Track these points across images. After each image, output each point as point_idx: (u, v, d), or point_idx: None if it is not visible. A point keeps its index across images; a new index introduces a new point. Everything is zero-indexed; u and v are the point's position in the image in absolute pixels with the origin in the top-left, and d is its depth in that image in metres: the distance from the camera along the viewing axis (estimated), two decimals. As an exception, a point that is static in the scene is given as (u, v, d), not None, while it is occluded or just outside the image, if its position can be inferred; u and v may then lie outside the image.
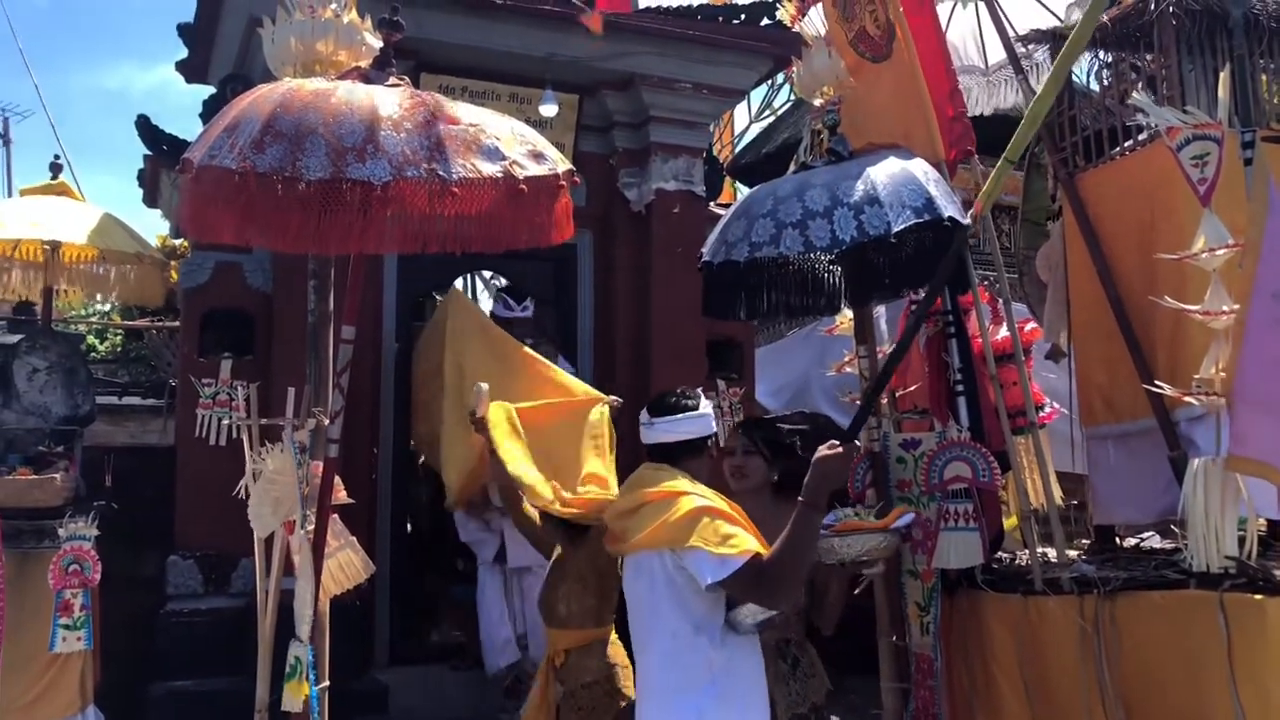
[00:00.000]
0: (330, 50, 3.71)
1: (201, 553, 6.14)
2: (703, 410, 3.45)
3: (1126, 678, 3.66)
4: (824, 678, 3.90)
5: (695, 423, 3.41)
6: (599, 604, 4.17)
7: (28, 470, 5.34)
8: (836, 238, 3.75)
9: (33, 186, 6.16)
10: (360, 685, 5.94)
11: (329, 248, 3.21)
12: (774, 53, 7.25)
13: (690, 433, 3.39)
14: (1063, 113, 5.14)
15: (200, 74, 7.91)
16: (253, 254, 6.38)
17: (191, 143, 3.09)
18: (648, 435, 3.44)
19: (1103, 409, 4.84)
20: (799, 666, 3.82)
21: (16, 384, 5.63)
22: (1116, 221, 4.75)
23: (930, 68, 4.27)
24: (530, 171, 3.01)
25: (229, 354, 6.27)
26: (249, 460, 3.64)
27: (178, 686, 5.77)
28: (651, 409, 3.45)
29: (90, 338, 10.56)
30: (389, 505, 6.62)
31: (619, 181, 7.32)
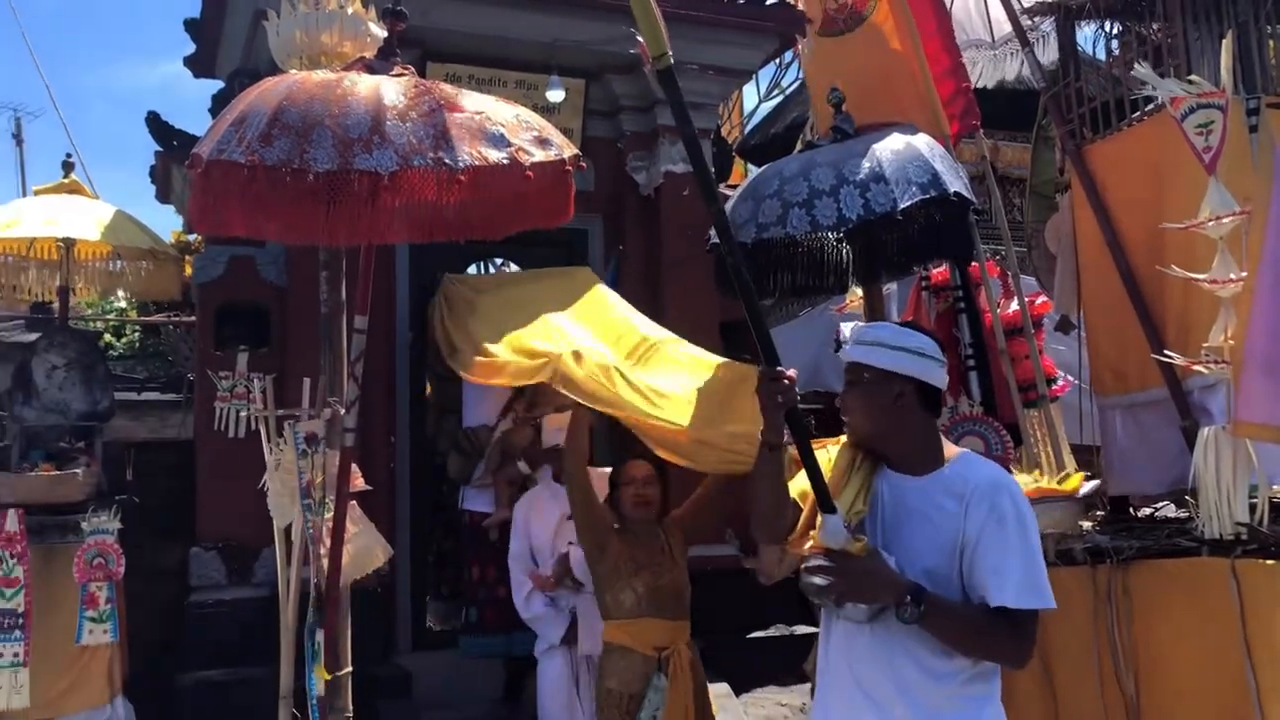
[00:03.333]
0: (335, 42, 3.74)
1: (223, 544, 6.20)
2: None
3: (1138, 646, 3.68)
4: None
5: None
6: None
7: (50, 466, 5.41)
8: (843, 216, 3.77)
9: (46, 186, 6.21)
10: (383, 670, 6.01)
11: (339, 239, 3.23)
12: (780, 31, 7.23)
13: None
14: (1069, 84, 5.13)
15: (208, 69, 7.95)
16: (266, 247, 6.41)
17: (200, 138, 3.12)
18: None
19: (1112, 380, 4.84)
20: None
21: (36, 382, 5.70)
22: (1124, 192, 4.74)
23: (930, 42, 4.27)
24: (536, 157, 3.03)
25: (245, 347, 6.31)
26: (268, 451, 3.69)
27: (203, 676, 5.83)
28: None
29: (107, 334, 10.64)
30: (407, 492, 6.67)
31: (627, 165, 7.33)
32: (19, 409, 5.68)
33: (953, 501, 2.43)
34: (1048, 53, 6.89)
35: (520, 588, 4.87)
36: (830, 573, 2.39)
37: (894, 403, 2.52)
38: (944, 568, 2.41)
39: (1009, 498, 2.41)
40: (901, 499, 2.51)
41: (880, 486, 2.54)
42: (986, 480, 2.45)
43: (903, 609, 2.33)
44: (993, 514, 2.38)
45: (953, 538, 2.41)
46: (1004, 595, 2.33)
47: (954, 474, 2.48)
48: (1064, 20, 5.32)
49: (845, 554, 2.38)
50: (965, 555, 2.39)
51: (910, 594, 2.33)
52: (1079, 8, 5.22)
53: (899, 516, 2.49)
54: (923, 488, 2.49)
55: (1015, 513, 2.39)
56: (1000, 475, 2.51)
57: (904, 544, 2.45)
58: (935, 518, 2.44)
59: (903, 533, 2.48)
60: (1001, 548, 2.36)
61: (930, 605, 2.33)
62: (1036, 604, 2.35)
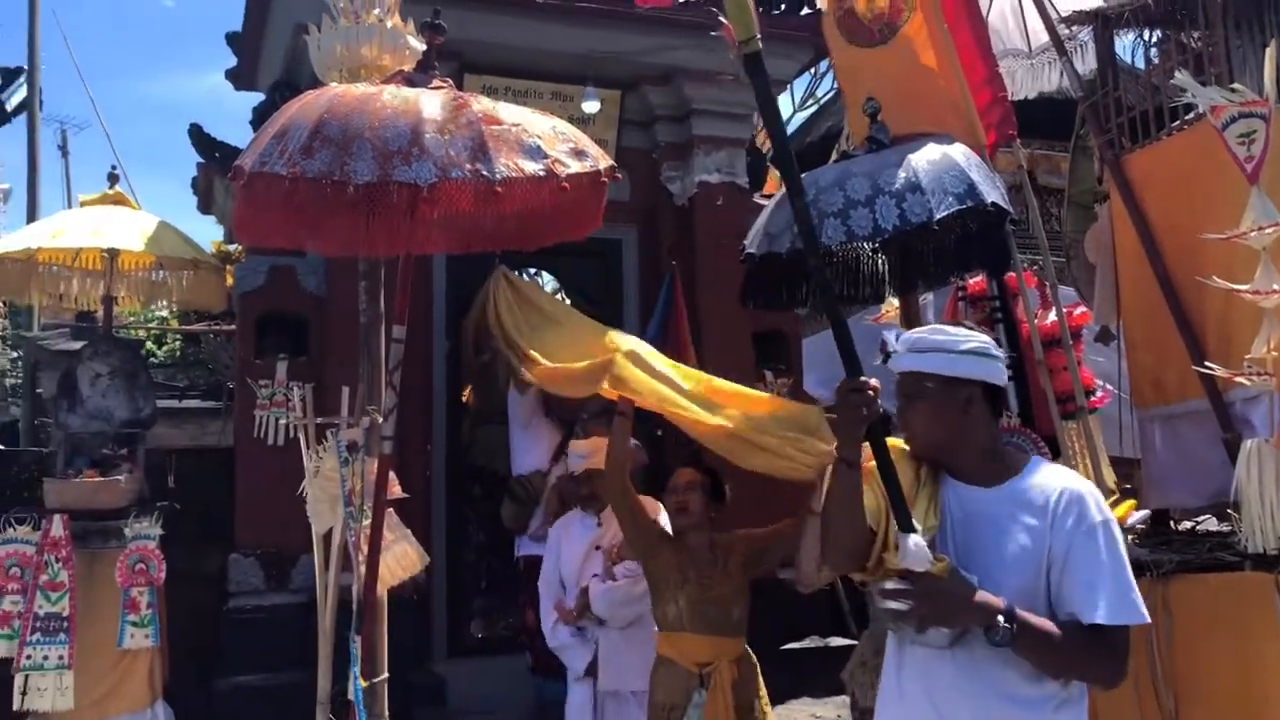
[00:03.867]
0: (375, 55, 3.78)
1: (262, 550, 6.27)
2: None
3: (1178, 661, 3.64)
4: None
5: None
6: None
7: (94, 473, 5.49)
8: (879, 226, 3.76)
9: (91, 197, 6.30)
10: (419, 677, 6.05)
11: (378, 249, 3.27)
12: (814, 41, 7.23)
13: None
14: (1108, 93, 5.09)
15: (249, 81, 8.06)
16: (305, 257, 6.49)
17: (243, 150, 3.17)
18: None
19: (1152, 391, 4.79)
20: None
21: (81, 389, 5.79)
22: (1164, 202, 4.69)
23: (966, 52, 4.25)
24: (572, 169, 3.05)
25: (284, 355, 6.38)
26: (307, 458, 3.72)
27: (242, 681, 5.90)
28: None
29: (149, 343, 10.78)
30: (443, 500, 6.72)
31: (662, 175, 7.36)
32: (64, 416, 5.78)
33: (1034, 514, 2.29)
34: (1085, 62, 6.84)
35: (548, 615, 4.80)
36: (910, 596, 2.24)
37: (963, 411, 2.39)
38: (1030, 585, 2.26)
39: (1096, 506, 2.28)
40: (974, 512, 2.36)
41: (947, 500, 2.40)
42: (1070, 490, 2.30)
43: (993, 631, 2.18)
44: (1081, 525, 2.25)
45: (1038, 553, 2.27)
46: (1098, 612, 2.19)
47: (1031, 483, 2.35)
48: (1102, 29, 5.28)
49: (926, 575, 2.23)
50: (1053, 571, 2.26)
51: (1003, 614, 2.18)
52: (1117, 16, 5.18)
53: (972, 531, 2.35)
54: (997, 499, 2.35)
55: (1104, 522, 2.27)
56: (1082, 483, 2.36)
57: (981, 560, 2.30)
58: (1015, 531, 2.29)
59: (979, 549, 2.32)
60: (1093, 561, 2.23)
61: (1022, 626, 2.19)
62: (1131, 619, 2.22)
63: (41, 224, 6.32)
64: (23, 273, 6.01)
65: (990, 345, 2.44)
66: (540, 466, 5.61)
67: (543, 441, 5.69)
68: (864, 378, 2.30)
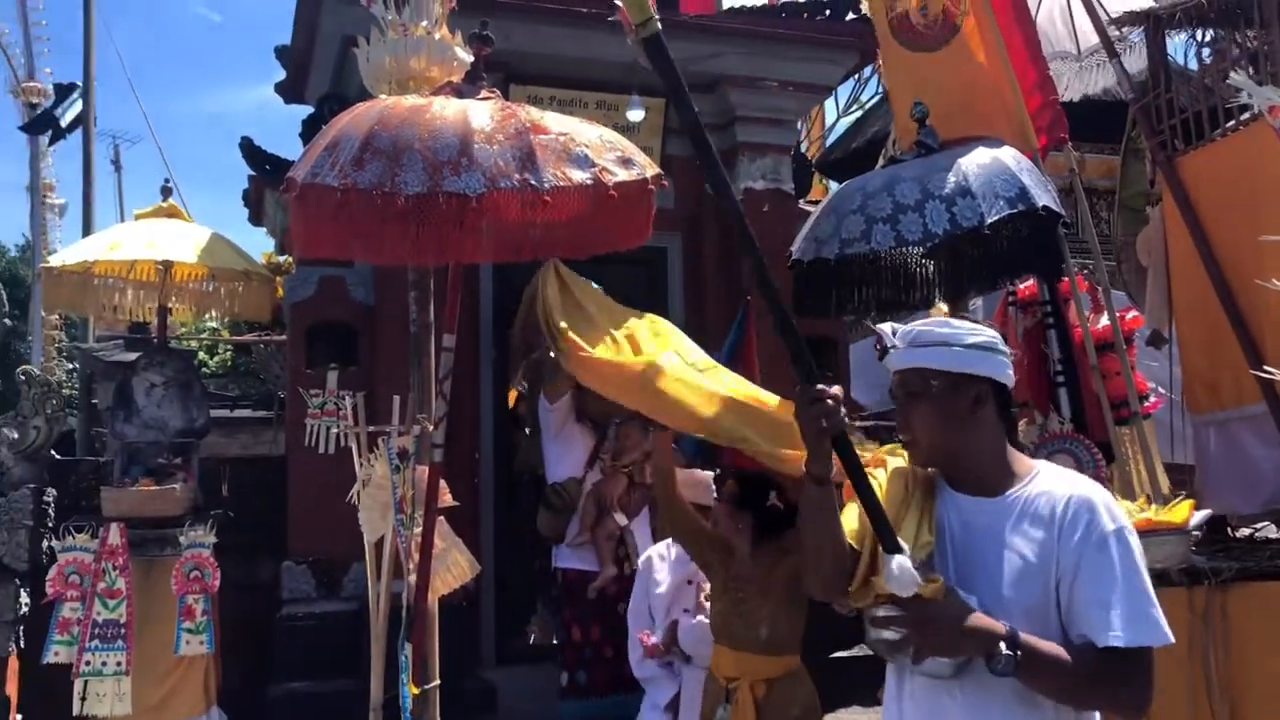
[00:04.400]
0: (423, 66, 3.82)
1: (314, 558, 6.33)
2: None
3: (1235, 671, 3.57)
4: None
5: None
6: (804, 626, 3.83)
7: (149, 482, 5.59)
8: (929, 231, 3.74)
9: (146, 210, 6.42)
10: (469, 684, 6.07)
11: (427, 259, 3.30)
12: (859, 46, 7.20)
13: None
14: (1160, 95, 5.03)
15: (298, 94, 8.16)
16: (355, 268, 6.56)
17: (294, 162, 3.21)
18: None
19: (1206, 396, 4.72)
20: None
21: (136, 400, 5.89)
22: (1218, 204, 4.63)
23: (1017, 55, 4.22)
24: (620, 177, 3.06)
25: (334, 365, 6.45)
26: (358, 467, 3.76)
27: (295, 688, 5.95)
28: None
29: (201, 353, 10.94)
30: (492, 507, 6.75)
31: (706, 183, 7.35)
32: (120, 426, 5.88)
33: (1040, 525, 2.06)
34: (1135, 63, 6.77)
35: (636, 646, 4.60)
36: (903, 623, 2.01)
37: (971, 412, 2.15)
38: (1038, 605, 2.04)
39: (1106, 514, 2.04)
40: (974, 525, 2.13)
41: (944, 513, 2.16)
42: (1078, 497, 2.07)
43: (994, 660, 1.95)
44: (1091, 536, 2.02)
45: (1045, 568, 2.04)
46: (1112, 633, 1.96)
47: (1037, 492, 2.11)
48: (1154, 29, 5.22)
49: (917, 599, 1.99)
50: (1062, 589, 2.03)
51: (1005, 640, 1.96)
52: (1170, 16, 5.12)
53: (972, 547, 2.11)
54: (1000, 510, 2.12)
55: (1117, 531, 2.02)
56: (1092, 489, 2.11)
57: (984, 579, 2.07)
58: (1019, 545, 2.06)
59: (980, 566, 2.09)
60: (1105, 576, 2.00)
61: (1027, 653, 1.96)
62: (1150, 640, 1.98)
63: (97, 237, 6.45)
64: (79, 285, 6.13)
65: (998, 340, 2.21)
66: (575, 474, 5.56)
67: (576, 448, 5.65)
68: (822, 386, 2.08)
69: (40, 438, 5.77)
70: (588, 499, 5.45)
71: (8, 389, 16.71)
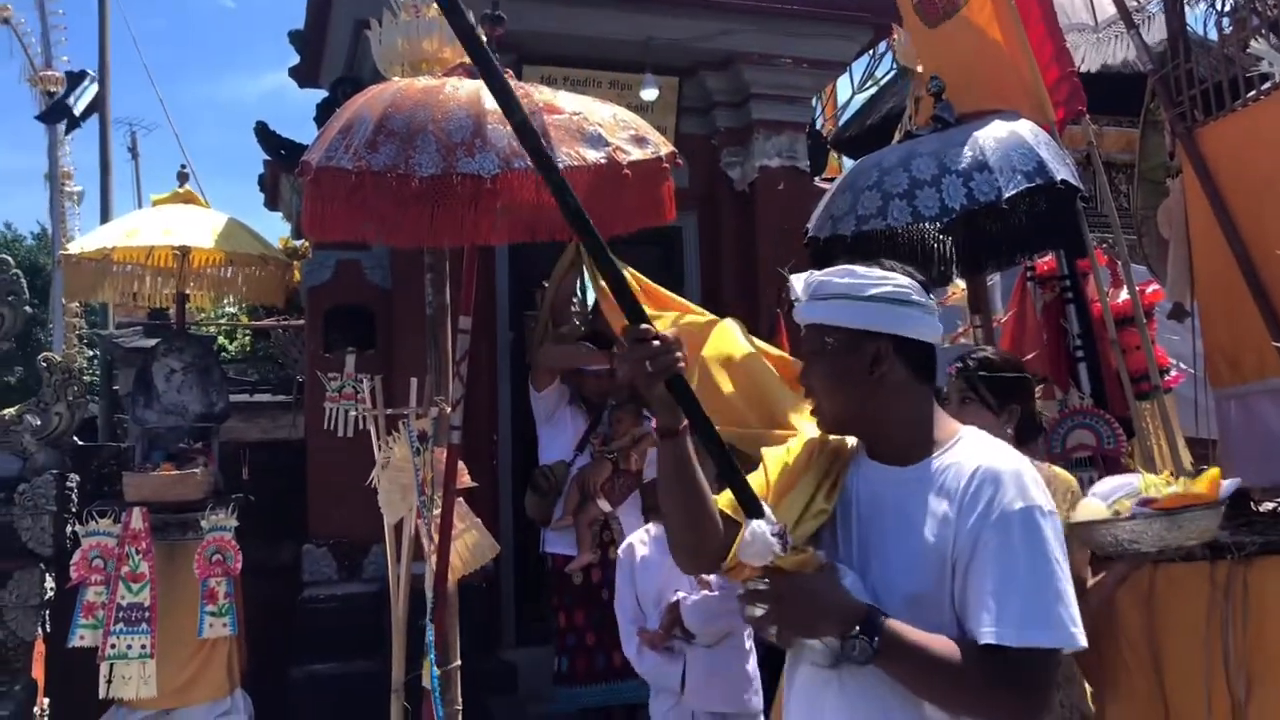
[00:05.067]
0: (435, 48, 3.82)
1: (334, 540, 6.36)
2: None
3: (1254, 645, 3.55)
4: (1084, 686, 3.10)
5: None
6: None
7: (170, 466, 5.62)
8: (945, 206, 3.71)
9: (162, 195, 6.44)
10: (489, 665, 6.10)
11: (442, 241, 3.31)
12: (874, 22, 7.15)
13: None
14: (1179, 65, 4.97)
15: (312, 78, 8.15)
16: (371, 251, 6.56)
17: (309, 146, 3.21)
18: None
19: (1228, 370, 4.68)
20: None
21: (156, 385, 5.93)
22: (1240, 175, 4.57)
23: (1034, 28, 4.18)
24: (633, 156, 3.06)
25: (352, 348, 6.46)
26: (377, 449, 3.78)
27: (316, 670, 5.99)
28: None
29: (221, 338, 10.99)
30: (510, 488, 6.76)
31: (722, 161, 7.32)
32: (140, 411, 5.92)
33: (943, 500, 1.80)
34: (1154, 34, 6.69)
35: (629, 640, 4.48)
36: (764, 598, 1.78)
37: (869, 372, 1.89)
38: (929, 591, 1.78)
39: (1014, 490, 1.77)
40: (881, 498, 1.88)
41: (855, 482, 1.92)
42: (985, 468, 1.80)
43: (849, 643, 1.72)
44: (991, 515, 1.75)
45: (942, 551, 1.78)
46: (996, 629, 1.69)
47: (950, 462, 1.85)
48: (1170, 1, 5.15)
49: (780, 572, 1.76)
50: (957, 574, 1.77)
51: (861, 623, 1.72)
52: (1188, -15, 5.05)
53: (876, 522, 1.87)
54: (907, 480, 1.87)
55: (1024, 510, 1.75)
56: (1007, 460, 1.83)
57: (879, 559, 1.84)
58: (920, 523, 1.81)
59: (878, 543, 1.85)
60: (1000, 562, 1.73)
61: (888, 639, 1.71)
62: (1045, 641, 1.69)
63: (115, 224, 6.47)
64: (98, 272, 6.17)
65: (911, 289, 1.93)
66: (564, 456, 5.54)
67: (566, 431, 5.64)
68: (646, 326, 1.84)
69: (62, 424, 5.81)
70: (572, 483, 5.43)
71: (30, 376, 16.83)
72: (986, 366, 3.08)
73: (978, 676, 1.71)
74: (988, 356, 3.16)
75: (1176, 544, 2.73)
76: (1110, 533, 2.74)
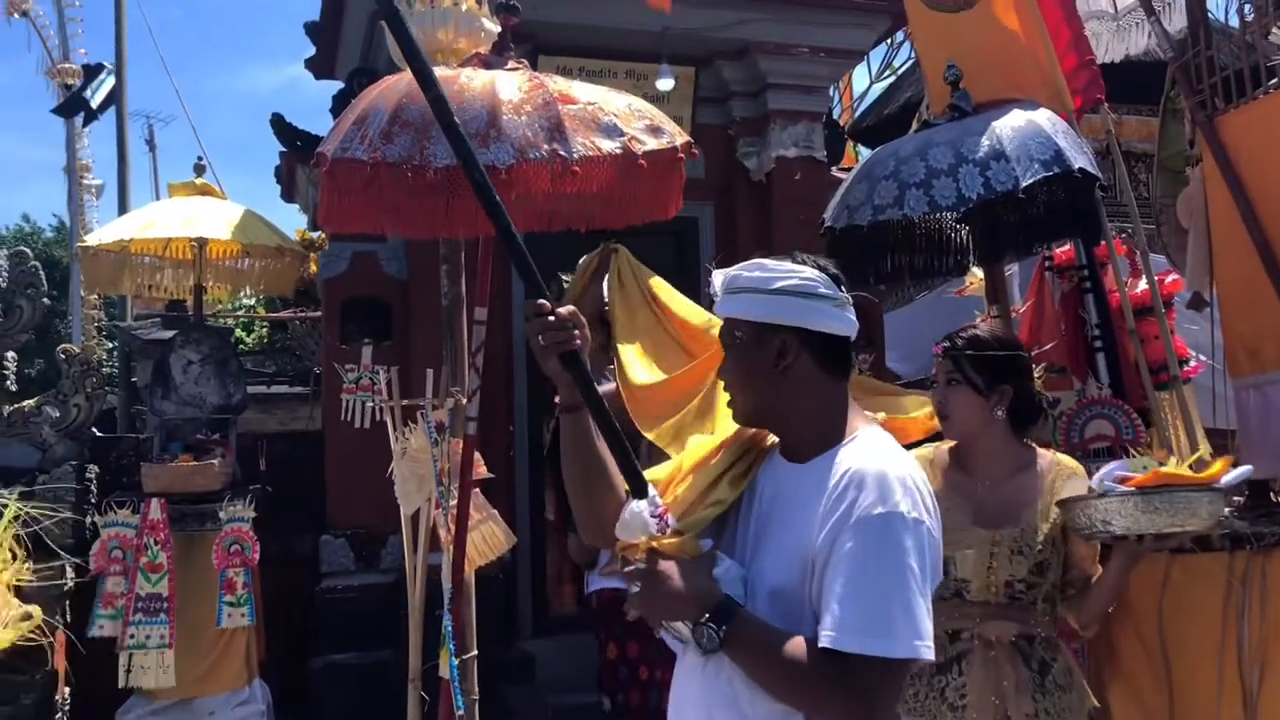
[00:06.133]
0: (450, 38, 3.81)
1: (352, 531, 6.39)
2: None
3: (1270, 635, 3.53)
4: (1085, 691, 2.89)
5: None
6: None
7: (188, 457, 5.65)
8: (962, 196, 3.69)
9: (179, 184, 6.47)
10: (506, 655, 6.12)
11: (458, 232, 3.30)
12: (892, 10, 7.12)
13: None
14: (1200, 52, 4.92)
15: (328, 70, 8.17)
16: (387, 243, 6.58)
17: (324, 137, 3.21)
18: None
19: (1247, 360, 4.65)
20: (1049, 674, 2.78)
21: (174, 376, 5.96)
22: (1261, 164, 4.53)
23: (1051, 15, 4.15)
24: (649, 146, 3.05)
25: (369, 340, 6.45)
26: (393, 441, 3.78)
27: (335, 659, 6.03)
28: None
29: (238, 330, 11.04)
30: (527, 480, 6.78)
31: (738, 151, 7.30)
32: (158, 403, 5.96)
33: (818, 500, 1.78)
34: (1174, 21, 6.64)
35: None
36: (636, 578, 1.78)
37: (775, 365, 1.88)
38: (795, 588, 1.77)
39: (876, 493, 1.73)
40: (780, 494, 1.88)
41: (764, 477, 1.93)
42: (855, 470, 1.77)
43: (699, 629, 1.72)
44: (849, 517, 1.72)
45: (805, 550, 1.76)
46: (835, 634, 1.67)
47: (835, 461, 1.82)
48: (1192, -13, 5.11)
49: (654, 552, 1.77)
50: (815, 573, 1.75)
51: (711, 611, 1.72)
52: (1209, -28, 5.00)
53: (770, 517, 1.88)
54: (798, 477, 1.86)
55: (883, 516, 1.71)
56: (879, 461, 1.78)
57: (762, 553, 1.84)
58: (796, 521, 1.80)
59: (765, 538, 1.86)
60: (848, 565, 1.70)
61: (735, 630, 1.71)
62: (880, 650, 1.66)
63: (133, 216, 6.51)
64: (117, 264, 6.20)
65: (819, 282, 1.89)
66: None
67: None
68: (543, 301, 1.90)
69: (81, 415, 5.85)
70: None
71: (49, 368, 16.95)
72: (975, 344, 2.91)
73: (816, 678, 1.70)
74: (977, 334, 2.98)
75: (1157, 529, 2.56)
76: (1084, 512, 2.63)
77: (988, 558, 2.79)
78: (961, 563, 2.80)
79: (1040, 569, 2.79)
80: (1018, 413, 2.90)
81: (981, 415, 2.86)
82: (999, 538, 2.79)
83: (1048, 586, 2.81)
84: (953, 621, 2.79)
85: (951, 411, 2.91)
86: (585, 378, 1.89)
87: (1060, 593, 2.87)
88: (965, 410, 2.88)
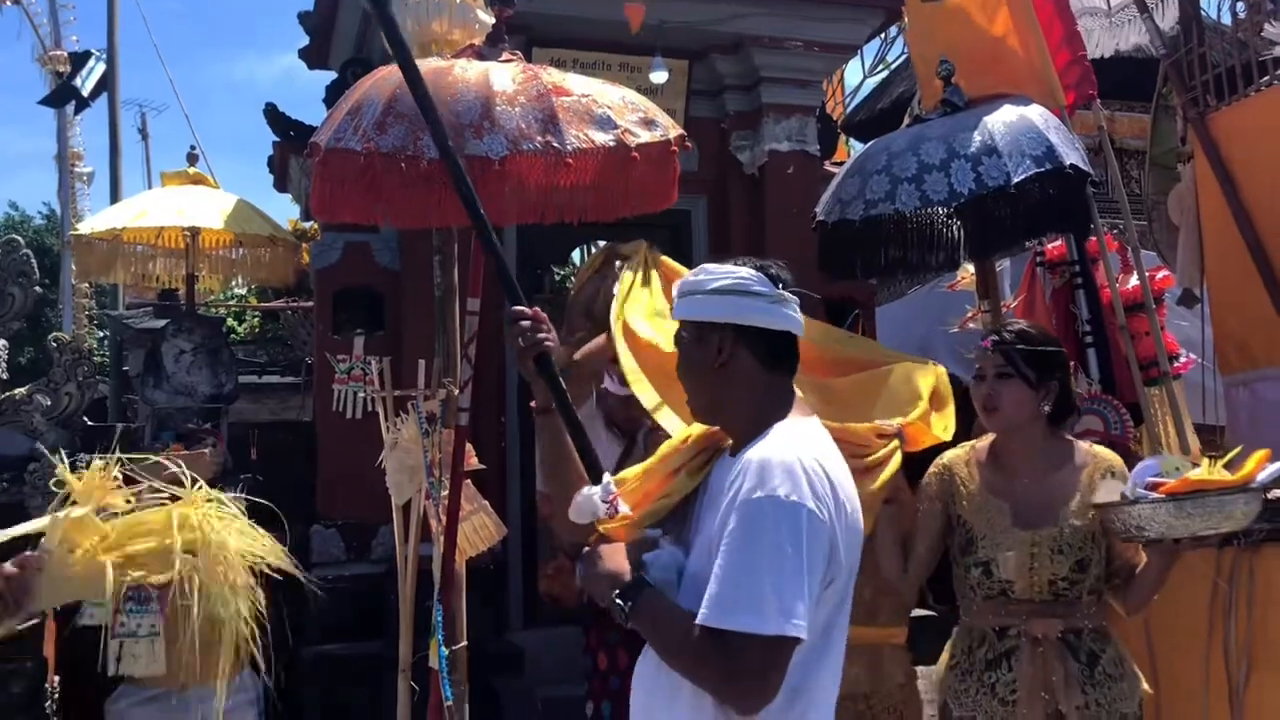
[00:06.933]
0: (445, 30, 3.81)
1: (343, 521, 6.38)
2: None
3: (1257, 632, 3.56)
4: (1137, 678, 2.89)
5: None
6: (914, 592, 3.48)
7: (179, 446, 5.64)
8: (954, 191, 3.71)
9: (172, 173, 6.46)
10: (496, 646, 6.13)
11: (450, 222, 3.31)
12: (885, 5, 7.12)
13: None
14: (1191, 50, 4.94)
15: (322, 60, 8.15)
16: (380, 233, 6.57)
17: (318, 127, 3.21)
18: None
19: (1237, 356, 4.68)
20: (1098, 665, 2.80)
21: (166, 366, 5.96)
22: (1252, 161, 4.56)
23: (1043, 11, 4.16)
24: (642, 138, 3.06)
25: (361, 330, 6.48)
26: (385, 431, 3.79)
27: (325, 650, 6.02)
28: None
29: (230, 320, 11.02)
30: (518, 471, 6.78)
31: (731, 145, 7.30)
32: (150, 392, 5.95)
33: (730, 490, 1.87)
34: (1167, 18, 6.65)
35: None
36: (583, 558, 1.95)
37: (714, 363, 1.97)
38: (703, 570, 1.85)
39: (757, 479, 1.81)
40: (713, 486, 1.98)
41: (714, 472, 2.03)
42: (752, 460, 1.85)
43: (614, 606, 1.86)
44: (734, 501, 1.82)
45: (711, 534, 1.88)
46: (706, 610, 1.76)
47: (749, 451, 1.90)
48: (1185, -16, 5.13)
49: (601, 536, 1.92)
50: (712, 555, 1.83)
51: (623, 589, 1.86)
52: (1202, -30, 5.02)
53: (704, 508, 1.99)
54: (728, 469, 1.94)
55: (758, 500, 1.79)
56: (772, 451, 1.85)
57: (693, 543, 1.97)
58: (715, 510, 1.91)
59: (696, 530, 1.98)
60: (729, 548, 1.79)
61: (639, 606, 1.85)
62: (744, 626, 1.73)
63: (125, 204, 6.51)
64: (109, 252, 6.20)
65: (752, 280, 1.97)
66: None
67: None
68: (521, 307, 2.08)
69: (72, 404, 5.84)
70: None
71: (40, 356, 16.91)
72: (1024, 339, 2.90)
73: (694, 652, 1.79)
74: (1024, 329, 2.98)
75: (1191, 533, 2.55)
76: (1118, 517, 2.65)
77: (1029, 559, 2.81)
78: (1004, 564, 2.82)
79: (1081, 565, 2.80)
80: (1056, 408, 2.93)
81: (1031, 408, 2.89)
82: (1039, 538, 2.81)
83: (1091, 580, 2.82)
84: (999, 619, 2.85)
85: (1002, 404, 2.90)
86: (555, 378, 2.07)
87: (1106, 582, 2.88)
88: (1016, 403, 2.89)
